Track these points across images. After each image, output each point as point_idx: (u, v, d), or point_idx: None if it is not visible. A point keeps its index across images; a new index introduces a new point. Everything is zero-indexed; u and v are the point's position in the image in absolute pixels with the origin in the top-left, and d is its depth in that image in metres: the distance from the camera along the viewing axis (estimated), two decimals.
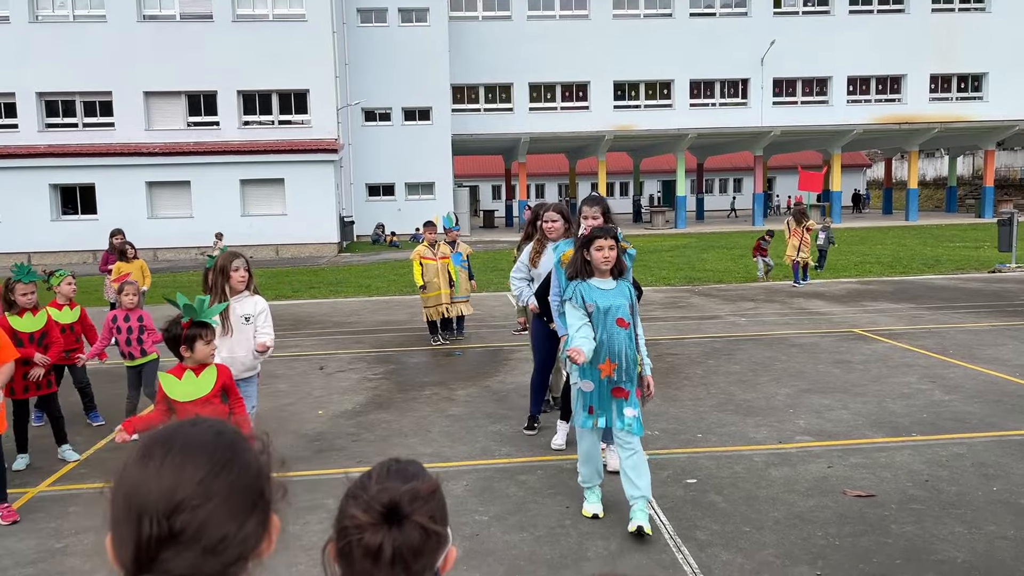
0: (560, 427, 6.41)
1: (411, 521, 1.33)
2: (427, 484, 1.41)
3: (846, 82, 40.46)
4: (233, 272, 5.43)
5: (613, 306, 4.68)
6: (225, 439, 1.12)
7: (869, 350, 9.76)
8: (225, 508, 1.06)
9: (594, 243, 4.67)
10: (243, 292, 5.52)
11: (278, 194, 30.88)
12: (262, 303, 5.61)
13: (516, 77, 38.70)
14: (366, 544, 1.32)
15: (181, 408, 4.42)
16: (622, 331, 4.68)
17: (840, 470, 5.70)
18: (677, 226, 40.42)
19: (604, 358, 4.70)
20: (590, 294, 4.68)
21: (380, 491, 1.35)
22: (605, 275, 4.73)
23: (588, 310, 4.67)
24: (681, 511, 5.08)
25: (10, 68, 30.05)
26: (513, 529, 4.88)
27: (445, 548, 1.43)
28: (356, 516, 1.33)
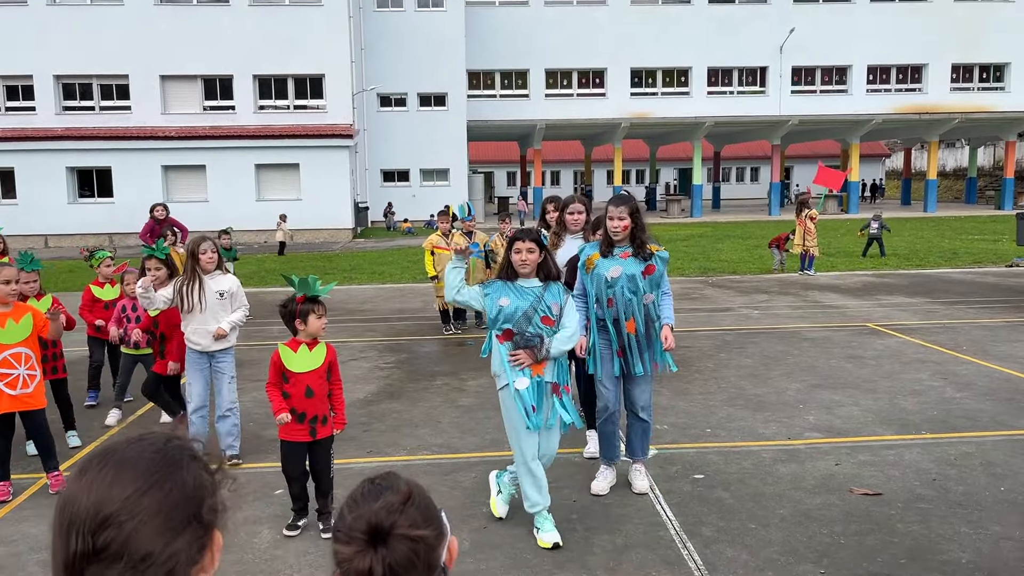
0: (591, 436, 6.19)
1: (394, 535, 1.36)
2: (399, 494, 1.43)
3: (866, 71, 40.06)
4: (201, 255, 5.86)
5: (537, 306, 4.63)
6: (164, 456, 1.11)
7: (882, 345, 9.72)
8: (152, 525, 1.05)
9: (513, 246, 4.68)
10: (214, 272, 5.95)
11: (293, 179, 30.96)
12: (235, 280, 6.09)
13: (532, 63, 38.55)
14: (357, 570, 1.35)
15: (295, 378, 4.76)
16: (548, 329, 4.65)
17: (848, 468, 5.69)
18: (693, 215, 40.25)
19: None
20: (507, 293, 4.65)
21: (355, 519, 1.38)
22: (529, 276, 4.70)
23: (501, 305, 4.63)
24: (688, 507, 5.09)
25: (28, 51, 30.18)
26: (520, 522, 4.91)
27: (444, 542, 1.46)
28: (341, 551, 1.37)
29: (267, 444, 6.51)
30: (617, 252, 5.12)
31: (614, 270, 5.08)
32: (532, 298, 4.64)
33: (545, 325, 4.64)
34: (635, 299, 5.08)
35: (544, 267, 4.70)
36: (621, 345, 5.15)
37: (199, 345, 5.88)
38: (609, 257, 5.12)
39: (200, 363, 5.92)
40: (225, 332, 5.88)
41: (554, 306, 4.67)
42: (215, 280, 5.95)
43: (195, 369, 5.92)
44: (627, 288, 5.06)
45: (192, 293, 5.85)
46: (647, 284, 5.11)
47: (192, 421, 5.95)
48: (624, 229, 5.07)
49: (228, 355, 6.00)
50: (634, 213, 5.09)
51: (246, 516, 5.09)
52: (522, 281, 4.70)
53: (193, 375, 5.93)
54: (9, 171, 30.20)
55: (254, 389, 8.36)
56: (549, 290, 4.70)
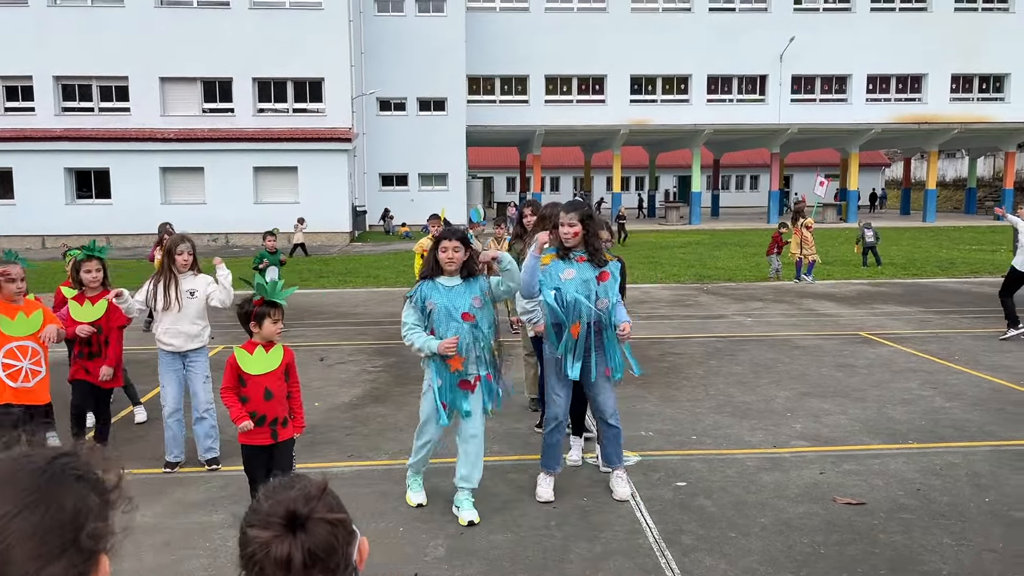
0: (574, 442, 6.14)
1: (313, 520, 1.33)
2: (315, 484, 1.41)
3: (865, 80, 40.07)
4: (177, 256, 5.85)
5: (456, 303, 4.85)
6: (45, 475, 1.05)
7: (873, 354, 9.67)
8: (23, 549, 0.99)
9: (440, 244, 4.89)
10: (187, 272, 5.93)
11: (291, 182, 30.94)
12: (207, 279, 6.03)
13: (532, 69, 38.57)
14: (275, 557, 1.31)
15: (252, 381, 4.75)
16: (466, 325, 4.84)
17: (832, 477, 5.64)
18: (691, 222, 40.23)
19: (452, 353, 4.85)
20: (432, 293, 4.88)
21: (273, 505, 1.35)
22: (453, 274, 4.91)
23: (428, 308, 4.86)
24: (668, 514, 5.04)
25: (28, 51, 30.18)
26: (499, 529, 4.86)
27: (356, 540, 1.43)
28: (258, 536, 1.32)
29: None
30: (573, 256, 5.18)
31: (567, 272, 5.14)
32: (452, 296, 4.86)
33: (465, 321, 4.84)
34: (584, 303, 5.09)
35: (468, 265, 4.92)
36: (564, 348, 5.15)
37: (171, 346, 5.83)
38: (565, 260, 5.18)
39: (173, 364, 5.87)
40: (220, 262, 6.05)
41: (475, 300, 4.89)
42: (187, 280, 5.91)
43: (168, 371, 5.87)
44: (578, 291, 5.09)
45: (169, 292, 5.83)
46: (601, 290, 5.14)
47: (168, 425, 5.89)
48: (575, 235, 5.14)
49: (201, 355, 5.95)
50: (585, 219, 5.15)
51: (222, 519, 5.04)
52: (445, 279, 4.91)
53: (166, 377, 5.87)
54: (7, 171, 30.17)
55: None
56: (470, 286, 4.92)
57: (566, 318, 5.11)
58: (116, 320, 5.93)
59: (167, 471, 5.86)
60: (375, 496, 5.40)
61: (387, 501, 5.30)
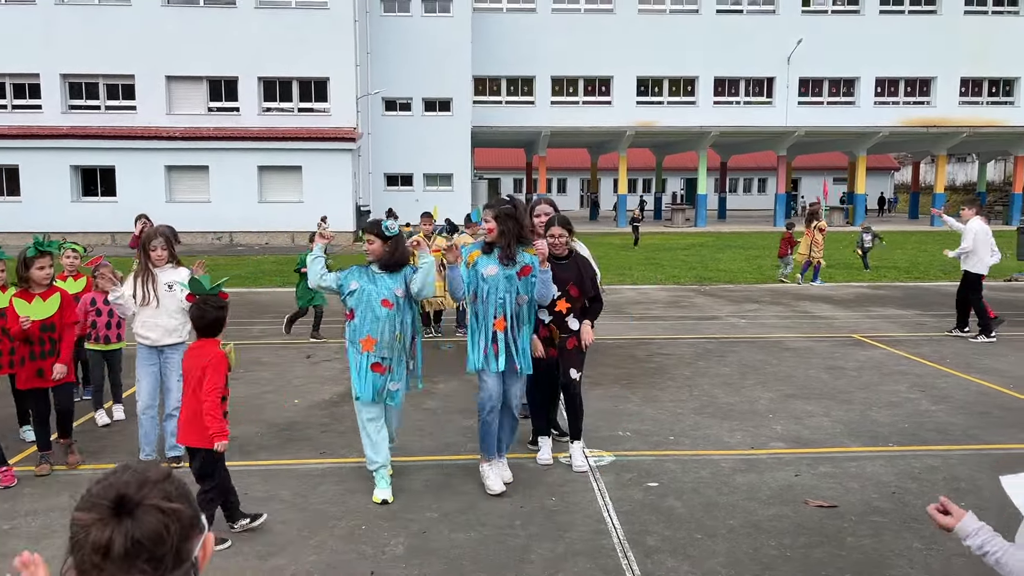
0: (543, 442, 6.02)
1: (144, 506, 1.26)
2: (158, 471, 1.34)
3: (874, 83, 39.86)
4: (151, 251, 5.77)
5: (379, 289, 5.17)
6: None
7: (864, 356, 9.56)
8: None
9: (366, 236, 5.25)
10: (167, 266, 5.86)
11: (295, 181, 30.96)
12: (186, 272, 5.89)
13: (538, 70, 38.52)
14: (94, 542, 1.24)
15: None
16: (384, 311, 5.16)
17: (807, 479, 5.55)
18: (697, 224, 40.08)
19: (365, 334, 5.18)
20: (360, 276, 5.22)
21: (105, 487, 1.28)
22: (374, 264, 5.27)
23: (351, 288, 5.20)
24: (636, 515, 4.96)
25: (36, 49, 30.31)
26: (462, 527, 4.80)
27: (200, 533, 1.36)
28: (80, 518, 1.26)
29: None
30: (495, 252, 5.36)
31: (490, 268, 5.32)
32: (377, 281, 5.20)
33: (384, 307, 5.16)
34: (507, 298, 5.31)
35: (395, 257, 5.24)
36: (489, 341, 5.33)
37: (148, 339, 5.78)
38: (488, 256, 5.37)
39: (150, 359, 5.82)
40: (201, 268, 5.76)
41: (397, 290, 5.19)
42: (165, 273, 5.84)
43: (144, 365, 5.82)
44: (501, 287, 5.30)
45: (146, 286, 5.78)
46: (522, 285, 5.35)
47: (141, 422, 5.84)
48: (489, 232, 5.36)
49: (178, 351, 5.85)
50: (500, 217, 5.35)
51: None
52: (375, 266, 5.27)
53: (142, 371, 5.82)
54: (14, 168, 30.31)
55: None
56: (395, 277, 5.22)
57: (490, 313, 5.31)
58: (69, 316, 5.80)
59: None
60: (342, 493, 5.34)
61: (353, 498, 5.25)
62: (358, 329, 5.19)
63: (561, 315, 5.68)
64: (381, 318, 5.16)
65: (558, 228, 5.76)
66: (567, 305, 5.67)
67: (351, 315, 5.23)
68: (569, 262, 5.73)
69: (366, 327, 5.17)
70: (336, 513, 5.01)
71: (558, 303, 5.64)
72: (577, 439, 5.88)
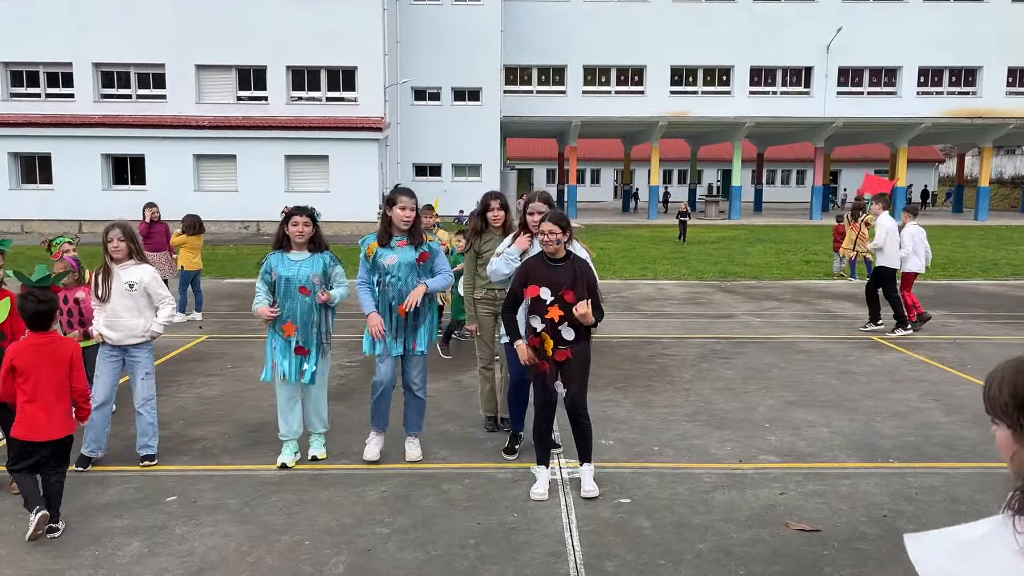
0: (540, 473, 5.28)
1: None
2: None
3: (917, 73, 38.76)
4: (108, 243, 5.55)
5: (296, 276, 5.46)
6: None
7: (880, 360, 9.08)
8: None
9: (290, 220, 5.45)
10: (128, 261, 5.61)
11: (322, 171, 30.89)
12: (149, 270, 5.70)
13: (570, 59, 38.04)
14: None
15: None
16: (303, 298, 5.46)
17: (793, 497, 5.16)
18: (731, 217, 39.32)
19: (286, 320, 5.49)
20: (278, 265, 5.50)
21: None
22: (301, 248, 5.54)
23: (273, 278, 5.48)
24: (600, 536, 4.62)
25: (69, 38, 30.58)
26: (411, 546, 4.50)
27: None
28: None
29: (189, 445, 6.20)
30: (395, 242, 5.55)
31: (390, 258, 5.51)
32: (295, 268, 5.47)
33: (301, 294, 5.45)
34: (407, 286, 5.52)
35: (315, 240, 5.56)
36: (393, 327, 5.58)
37: (111, 339, 5.57)
38: (387, 247, 5.54)
39: (112, 356, 5.61)
40: (159, 333, 5.75)
41: (315, 277, 5.47)
42: (127, 270, 5.59)
43: (105, 362, 5.61)
44: (400, 275, 5.51)
45: (107, 282, 5.56)
46: (422, 271, 5.59)
47: (92, 420, 5.61)
48: (413, 219, 5.57)
49: (143, 349, 5.66)
50: (416, 207, 5.63)
51: (124, 525, 4.75)
52: (293, 253, 5.52)
53: (101, 367, 5.61)
54: (46, 156, 30.66)
55: (202, 385, 8.07)
56: (313, 262, 5.51)
57: (393, 300, 5.53)
58: (19, 324, 5.37)
59: (79, 469, 5.57)
60: (294, 504, 5.07)
61: (305, 510, 4.97)
62: (280, 315, 5.50)
63: (554, 323, 5.05)
64: (300, 304, 5.46)
65: (549, 224, 5.14)
66: (560, 312, 5.04)
67: (273, 302, 5.52)
68: (565, 264, 5.12)
69: (286, 313, 5.49)
70: (282, 526, 4.74)
71: (550, 310, 5.04)
72: (587, 461, 5.30)
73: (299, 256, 5.53)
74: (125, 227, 5.63)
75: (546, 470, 5.31)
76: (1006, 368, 1.68)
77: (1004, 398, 1.65)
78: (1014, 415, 1.64)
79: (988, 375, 1.67)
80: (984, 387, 1.66)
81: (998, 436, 1.70)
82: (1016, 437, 1.66)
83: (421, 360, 5.76)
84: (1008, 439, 1.67)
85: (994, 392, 1.67)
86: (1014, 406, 1.63)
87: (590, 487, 5.19)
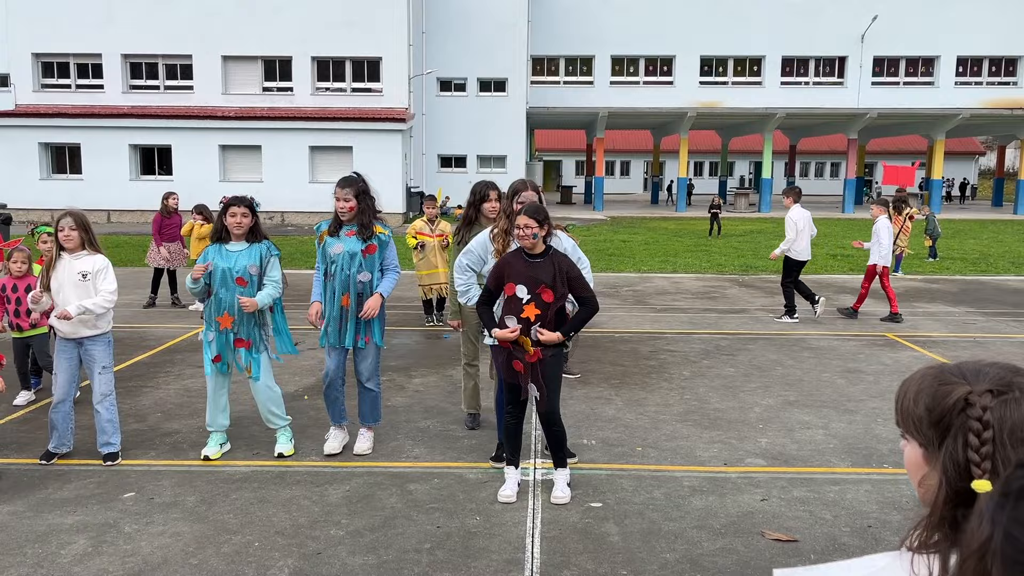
0: (509, 474, 5.07)
1: None
2: None
3: (955, 63, 37.72)
4: (59, 232, 5.39)
5: (234, 267, 5.40)
6: None
7: (891, 359, 8.71)
8: None
9: (228, 211, 5.39)
10: (80, 251, 5.44)
11: (346, 162, 30.81)
12: (102, 261, 5.51)
13: (598, 50, 37.58)
14: None
15: None
16: (241, 289, 5.41)
17: (775, 504, 4.89)
18: (761, 210, 38.65)
19: (223, 311, 5.43)
20: (215, 256, 5.43)
21: None
22: (240, 239, 5.48)
23: (209, 269, 5.39)
24: (563, 542, 4.39)
25: (98, 30, 30.85)
26: (362, 550, 4.31)
27: None
28: None
29: (161, 439, 6.07)
30: (343, 231, 5.47)
31: (336, 247, 5.45)
32: (233, 259, 5.42)
33: (238, 285, 5.38)
34: (351, 275, 5.45)
35: (254, 230, 5.50)
36: (338, 317, 5.49)
37: (63, 331, 5.43)
38: (335, 236, 5.47)
39: (67, 350, 5.47)
40: (70, 315, 5.22)
41: (252, 268, 5.42)
42: (80, 260, 5.43)
43: (61, 357, 5.46)
44: (345, 264, 5.43)
45: (56, 272, 5.41)
46: (367, 263, 5.48)
47: (51, 416, 5.49)
48: (351, 210, 5.40)
49: (99, 342, 5.49)
50: (360, 195, 5.41)
51: (75, 522, 4.62)
52: (232, 244, 5.47)
53: (58, 363, 5.47)
54: (76, 147, 30.99)
55: (190, 377, 7.96)
56: (250, 253, 5.45)
57: (338, 290, 5.49)
58: None
59: (43, 463, 5.47)
60: (253, 503, 4.90)
61: (262, 509, 4.81)
62: (215, 307, 5.45)
63: (528, 322, 4.77)
64: (237, 295, 5.40)
65: (524, 218, 4.87)
66: (537, 311, 4.75)
67: (210, 293, 5.48)
68: (544, 260, 4.80)
69: (224, 305, 5.43)
70: (235, 526, 4.58)
71: (526, 308, 4.77)
72: (561, 467, 5.05)
73: (237, 247, 5.49)
74: (78, 216, 5.48)
75: (515, 471, 5.08)
76: (926, 375, 1.41)
77: (919, 411, 1.38)
78: (928, 433, 1.37)
79: (904, 380, 1.40)
80: (898, 394, 1.38)
81: (906, 453, 1.42)
82: (927, 458, 1.38)
83: (371, 352, 5.66)
84: (918, 459, 1.40)
85: (907, 403, 1.41)
86: (929, 422, 1.36)
87: (560, 493, 4.95)
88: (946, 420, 1.28)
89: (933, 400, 1.34)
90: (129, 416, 6.59)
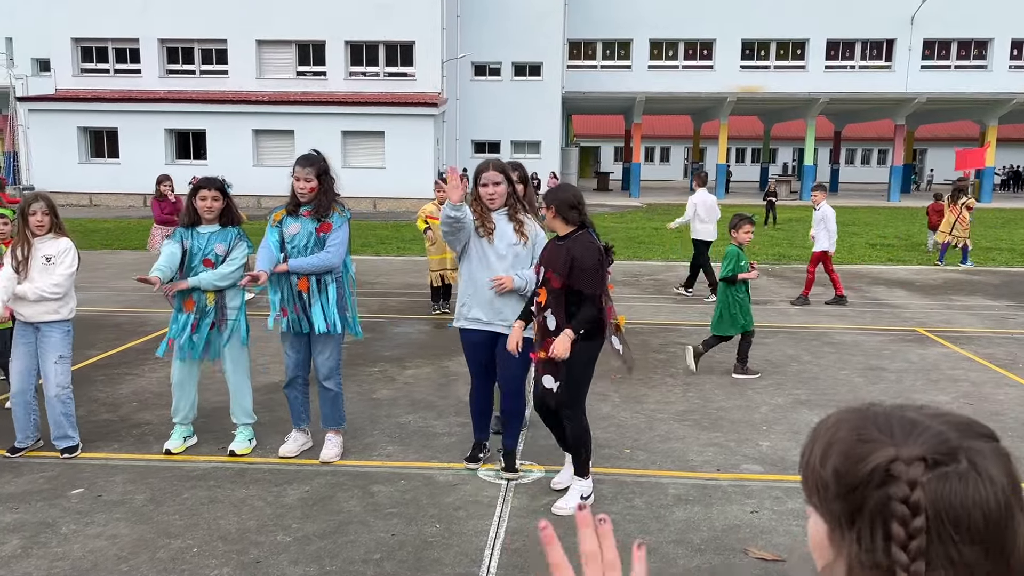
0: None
1: None
2: None
3: (1009, 45, 36.25)
4: (31, 216, 5.15)
5: (202, 249, 5.22)
6: None
7: (918, 355, 8.16)
8: None
9: (198, 193, 5.19)
10: (47, 235, 5.21)
11: (378, 147, 30.64)
12: (65, 243, 5.27)
13: (636, 33, 36.85)
14: None
15: None
16: (207, 271, 5.21)
17: (765, 518, 4.46)
18: (803, 198, 37.62)
19: (188, 295, 5.24)
20: (187, 237, 5.24)
21: None
22: (211, 223, 5.27)
23: (184, 247, 5.21)
24: (524, 556, 4.02)
25: (136, 15, 31.01)
26: (306, 559, 3.99)
27: None
28: None
29: (128, 430, 5.83)
30: (301, 211, 5.15)
31: (293, 227, 5.13)
32: (202, 241, 5.23)
33: (205, 267, 5.19)
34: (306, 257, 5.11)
35: (227, 213, 5.30)
36: (293, 301, 5.12)
37: (22, 315, 5.19)
38: (293, 216, 5.15)
39: (24, 336, 5.22)
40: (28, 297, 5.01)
41: (219, 247, 5.23)
42: (45, 244, 5.20)
43: (18, 344, 5.22)
44: (300, 245, 5.10)
45: (24, 256, 5.16)
46: (319, 242, 5.10)
47: (12, 409, 5.25)
48: (311, 191, 5.05)
49: (56, 329, 5.22)
50: (321, 175, 5.05)
51: (12, 521, 4.37)
52: (203, 227, 5.27)
53: (15, 351, 5.24)
54: (113, 131, 31.24)
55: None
56: (221, 236, 5.27)
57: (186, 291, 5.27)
58: None
59: (7, 455, 5.26)
60: (205, 502, 4.61)
61: (212, 510, 4.51)
62: (182, 291, 5.25)
63: (540, 307, 4.45)
64: None
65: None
66: (545, 296, 4.42)
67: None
68: (565, 243, 4.37)
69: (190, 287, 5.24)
70: (178, 529, 4.29)
71: (540, 291, 4.48)
72: (578, 474, 4.66)
73: (208, 229, 5.29)
74: (49, 200, 5.27)
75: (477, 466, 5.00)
76: (842, 421, 0.97)
77: (825, 473, 0.94)
78: (834, 507, 0.94)
79: (819, 423, 0.99)
80: (805, 445, 0.96)
81: (809, 526, 0.99)
82: (833, 538, 0.95)
83: (328, 343, 5.18)
84: (822, 537, 0.96)
85: (813, 460, 0.97)
86: (836, 492, 0.93)
87: (562, 503, 4.58)
88: (859, 494, 0.87)
89: (844, 461, 0.91)
90: (102, 406, 6.37)
